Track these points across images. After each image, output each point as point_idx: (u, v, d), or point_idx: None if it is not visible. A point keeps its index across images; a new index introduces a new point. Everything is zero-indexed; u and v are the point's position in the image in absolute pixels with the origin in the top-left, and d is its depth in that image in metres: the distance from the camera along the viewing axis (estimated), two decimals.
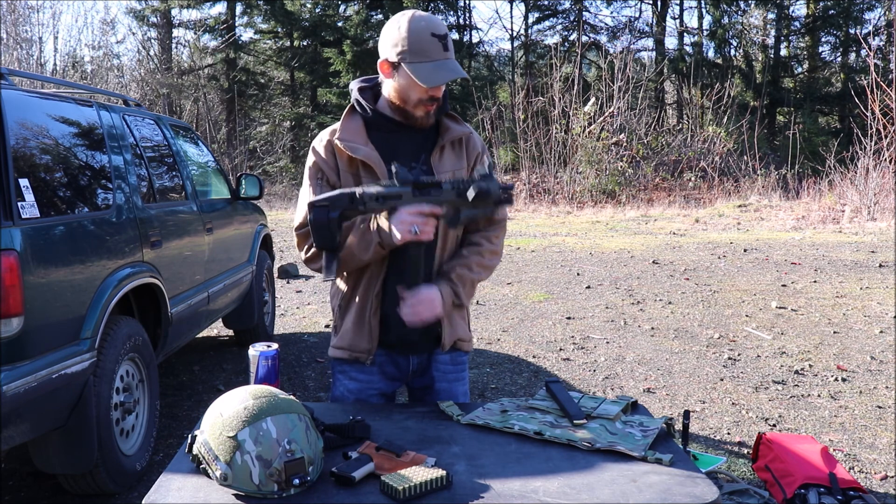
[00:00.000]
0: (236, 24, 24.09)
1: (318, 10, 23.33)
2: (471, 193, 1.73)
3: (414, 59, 1.80)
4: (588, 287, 7.65)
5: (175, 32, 24.08)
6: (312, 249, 1.87)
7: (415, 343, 2.00)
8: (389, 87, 1.90)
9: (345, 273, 1.98)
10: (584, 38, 22.43)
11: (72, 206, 2.99)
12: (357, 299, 1.96)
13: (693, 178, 17.95)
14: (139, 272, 3.25)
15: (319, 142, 1.95)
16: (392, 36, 1.83)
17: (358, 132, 1.92)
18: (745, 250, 10.14)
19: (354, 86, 1.98)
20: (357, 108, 1.95)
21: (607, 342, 5.55)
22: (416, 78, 1.80)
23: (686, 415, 2.51)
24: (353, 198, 1.73)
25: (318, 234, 1.74)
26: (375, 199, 1.73)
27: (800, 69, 24.80)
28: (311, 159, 1.95)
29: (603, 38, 24.18)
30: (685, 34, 24.59)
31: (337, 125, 1.95)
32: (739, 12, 23.79)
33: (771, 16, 24.22)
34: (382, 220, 1.80)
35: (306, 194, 1.91)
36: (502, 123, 19.93)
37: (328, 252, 1.78)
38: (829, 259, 9.34)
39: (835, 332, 5.75)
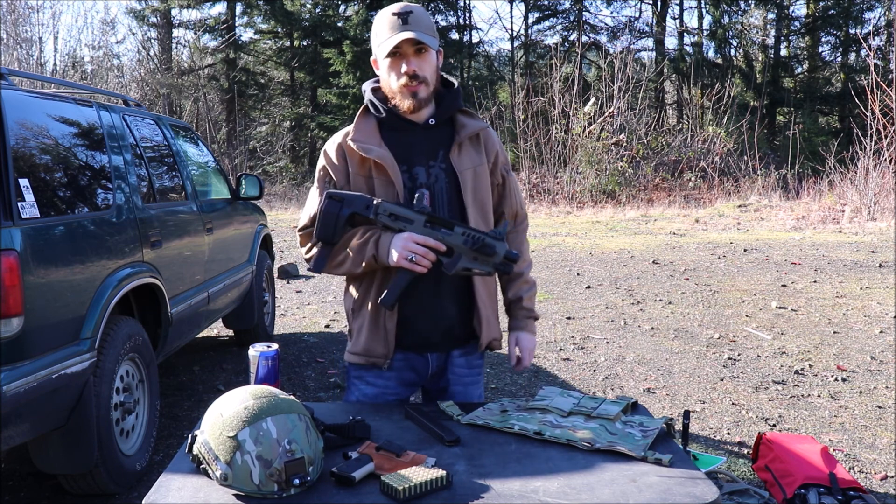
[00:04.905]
0: (236, 24, 24.09)
1: (318, 10, 23.33)
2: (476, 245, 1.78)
3: (379, 41, 1.86)
4: (588, 287, 7.65)
5: (175, 32, 24.10)
6: (314, 249, 1.89)
7: (437, 343, 1.99)
8: (385, 86, 1.92)
9: (356, 277, 1.96)
10: (584, 38, 22.44)
11: (72, 206, 2.99)
12: (370, 303, 1.94)
13: (693, 178, 17.94)
14: (139, 272, 3.24)
15: (331, 144, 1.95)
16: (372, 35, 1.90)
17: (372, 133, 1.91)
18: (745, 250, 10.13)
19: (368, 86, 1.97)
20: (371, 108, 1.95)
21: (607, 342, 5.55)
22: (377, 55, 1.87)
23: (686, 415, 2.50)
24: (369, 204, 1.78)
25: (323, 224, 1.80)
26: (388, 214, 1.78)
27: (800, 69, 24.81)
28: (321, 162, 1.96)
29: (603, 38, 24.22)
30: (685, 34, 24.61)
31: (350, 127, 1.94)
32: (739, 12, 23.80)
33: (771, 16, 24.24)
34: (385, 236, 1.81)
35: (314, 197, 1.92)
36: (502, 123, 19.92)
37: (324, 246, 1.84)
38: (829, 259, 9.33)
39: (835, 332, 5.75)
